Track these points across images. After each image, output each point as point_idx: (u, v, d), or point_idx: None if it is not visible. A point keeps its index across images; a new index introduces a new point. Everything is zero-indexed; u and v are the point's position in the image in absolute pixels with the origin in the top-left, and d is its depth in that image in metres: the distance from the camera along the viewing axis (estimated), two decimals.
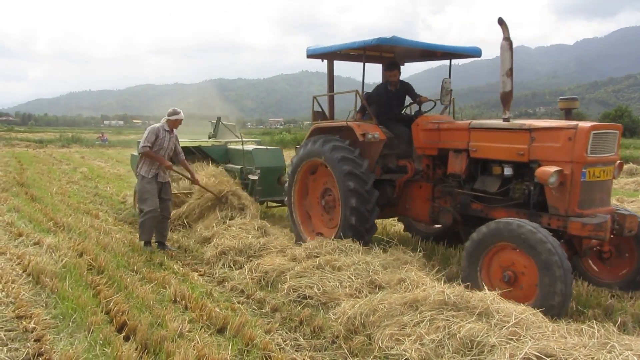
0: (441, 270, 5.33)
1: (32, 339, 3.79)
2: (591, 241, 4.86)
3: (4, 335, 3.84)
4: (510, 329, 3.51)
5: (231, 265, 5.95)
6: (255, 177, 8.65)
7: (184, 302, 4.66)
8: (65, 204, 9.70)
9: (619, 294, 5.05)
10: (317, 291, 4.81)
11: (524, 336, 3.43)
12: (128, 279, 5.21)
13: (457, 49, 6.64)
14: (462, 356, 3.39)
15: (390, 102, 6.85)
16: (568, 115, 5.09)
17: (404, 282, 4.62)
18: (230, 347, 3.73)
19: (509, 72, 5.10)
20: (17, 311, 4.26)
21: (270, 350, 3.71)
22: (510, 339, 3.40)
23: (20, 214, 8.44)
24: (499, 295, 4.11)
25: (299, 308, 4.62)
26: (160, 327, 4.01)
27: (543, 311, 3.92)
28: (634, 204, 10.21)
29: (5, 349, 3.64)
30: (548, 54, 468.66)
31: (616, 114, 42.53)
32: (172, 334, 3.86)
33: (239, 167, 9.10)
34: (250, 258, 6.03)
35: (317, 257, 5.58)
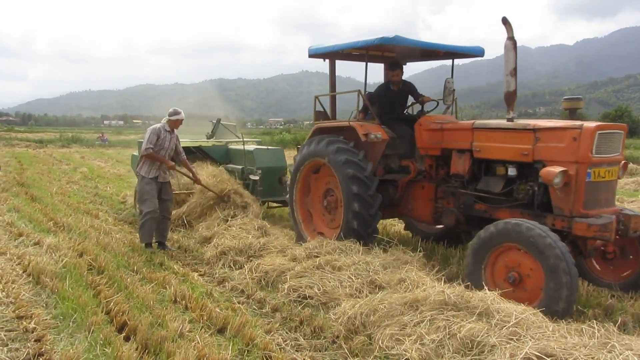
0: (441, 270, 5.33)
1: (33, 339, 3.79)
2: (596, 242, 4.84)
3: (4, 335, 3.84)
4: (510, 329, 3.51)
5: (231, 265, 5.95)
6: (256, 177, 8.60)
7: (184, 302, 4.66)
8: (65, 204, 9.70)
9: (619, 294, 5.04)
10: (317, 291, 4.81)
11: (524, 336, 3.44)
12: (128, 279, 5.21)
13: (459, 49, 6.62)
14: (462, 356, 3.39)
15: (392, 101, 6.82)
16: (572, 115, 5.06)
17: (404, 282, 4.62)
18: (230, 347, 3.73)
19: (513, 71, 5.05)
20: (17, 311, 4.26)
21: (271, 350, 3.71)
22: (511, 339, 3.40)
23: (20, 214, 8.44)
24: (501, 295, 4.10)
25: (299, 308, 4.62)
26: (160, 327, 4.01)
27: (545, 314, 3.91)
28: (634, 204, 10.20)
29: (5, 349, 3.64)
30: (548, 54, 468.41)
31: (616, 114, 42.50)
32: (172, 334, 3.86)
33: (240, 167, 9.05)
34: (251, 258, 6.03)
35: (317, 257, 5.58)
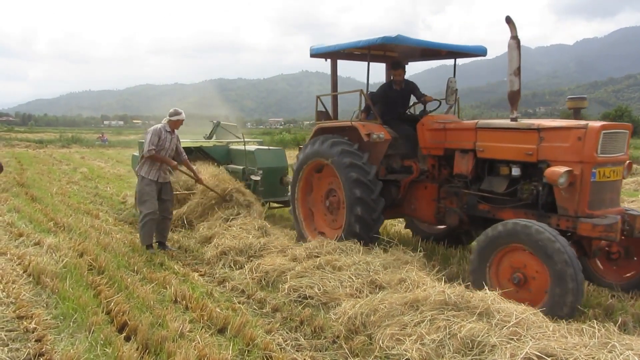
0: (442, 270, 5.33)
1: (33, 339, 3.79)
2: (600, 242, 4.81)
3: (5, 335, 3.84)
4: (510, 328, 3.51)
5: (232, 265, 5.95)
6: (257, 177, 8.58)
7: (184, 302, 4.66)
8: (66, 204, 9.70)
9: (620, 294, 5.03)
10: (317, 291, 4.81)
11: (524, 336, 3.43)
12: (129, 279, 5.21)
13: (462, 48, 6.60)
14: (462, 356, 3.39)
15: (395, 101, 6.80)
16: (577, 115, 5.01)
17: (405, 282, 4.62)
18: (231, 347, 3.73)
19: (516, 71, 5.02)
20: (17, 311, 4.26)
21: (271, 350, 3.71)
22: (511, 339, 3.40)
23: (20, 214, 8.44)
24: (504, 294, 4.10)
25: (300, 308, 4.62)
26: (161, 327, 4.01)
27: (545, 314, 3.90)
28: (634, 204, 10.20)
29: (6, 349, 3.64)
30: (548, 54, 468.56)
31: (616, 114, 42.50)
32: (172, 334, 3.86)
33: (241, 167, 9.02)
34: (251, 258, 6.03)
35: (318, 257, 5.58)
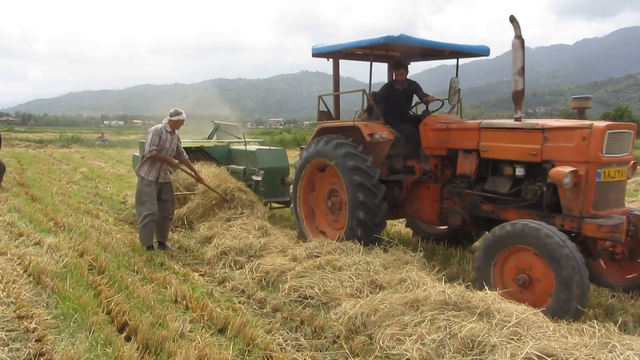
0: (442, 270, 5.32)
1: (33, 339, 3.79)
2: (605, 242, 4.79)
3: (5, 335, 3.84)
4: (511, 328, 3.52)
5: (232, 265, 5.95)
6: (258, 178, 8.54)
7: (184, 302, 4.66)
8: (66, 204, 9.69)
9: (620, 294, 5.03)
10: (318, 291, 4.81)
11: (525, 336, 3.44)
12: (129, 279, 5.21)
13: (465, 48, 6.58)
14: (463, 356, 3.39)
15: (397, 101, 6.78)
16: (581, 115, 4.97)
17: (405, 282, 4.62)
18: (231, 347, 3.73)
19: (520, 70, 5.00)
20: (18, 311, 4.26)
21: (272, 350, 3.71)
22: (511, 339, 3.40)
23: (20, 214, 8.44)
24: (507, 294, 4.10)
25: (300, 308, 4.62)
26: (161, 327, 4.01)
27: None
28: (634, 204, 10.20)
29: (6, 349, 3.64)
30: (548, 54, 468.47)
31: (616, 114, 42.52)
32: (173, 334, 3.86)
33: (242, 167, 8.99)
34: (251, 258, 6.03)
35: (318, 257, 5.59)
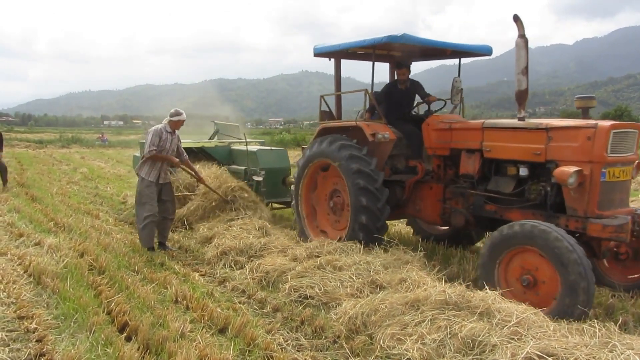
0: (442, 270, 5.31)
1: (34, 340, 3.79)
2: (610, 243, 4.77)
3: (6, 335, 3.84)
4: (511, 328, 3.52)
5: (232, 265, 5.95)
6: (259, 178, 8.53)
7: (185, 302, 4.66)
8: (66, 205, 9.70)
9: (621, 294, 5.03)
10: (318, 291, 4.81)
11: (525, 335, 3.44)
12: (129, 280, 5.21)
13: (467, 47, 6.56)
14: (463, 356, 3.39)
15: (399, 101, 6.76)
16: (585, 115, 4.95)
17: (405, 282, 4.62)
18: (231, 347, 3.73)
19: (524, 70, 4.98)
20: (18, 312, 4.27)
21: (272, 350, 3.71)
22: (512, 339, 3.40)
23: (20, 215, 8.44)
24: (509, 294, 4.10)
25: (300, 308, 4.62)
26: (161, 328, 4.01)
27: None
28: (634, 204, 10.19)
29: (7, 349, 3.64)
30: (548, 54, 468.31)
31: (616, 113, 42.52)
32: (173, 334, 3.86)
33: (243, 168, 8.97)
34: (251, 258, 6.03)
35: (318, 257, 5.59)
